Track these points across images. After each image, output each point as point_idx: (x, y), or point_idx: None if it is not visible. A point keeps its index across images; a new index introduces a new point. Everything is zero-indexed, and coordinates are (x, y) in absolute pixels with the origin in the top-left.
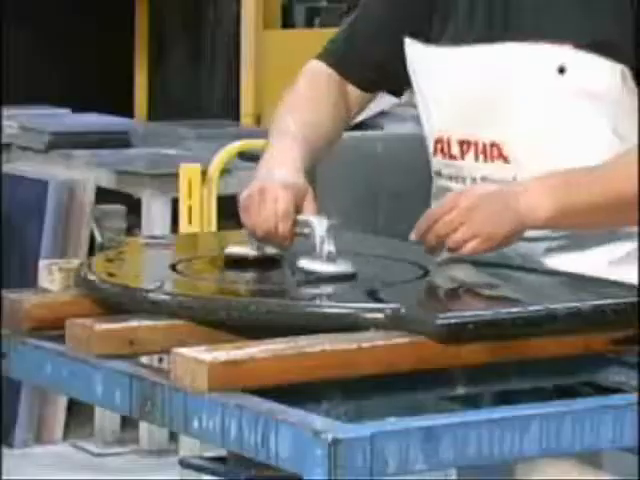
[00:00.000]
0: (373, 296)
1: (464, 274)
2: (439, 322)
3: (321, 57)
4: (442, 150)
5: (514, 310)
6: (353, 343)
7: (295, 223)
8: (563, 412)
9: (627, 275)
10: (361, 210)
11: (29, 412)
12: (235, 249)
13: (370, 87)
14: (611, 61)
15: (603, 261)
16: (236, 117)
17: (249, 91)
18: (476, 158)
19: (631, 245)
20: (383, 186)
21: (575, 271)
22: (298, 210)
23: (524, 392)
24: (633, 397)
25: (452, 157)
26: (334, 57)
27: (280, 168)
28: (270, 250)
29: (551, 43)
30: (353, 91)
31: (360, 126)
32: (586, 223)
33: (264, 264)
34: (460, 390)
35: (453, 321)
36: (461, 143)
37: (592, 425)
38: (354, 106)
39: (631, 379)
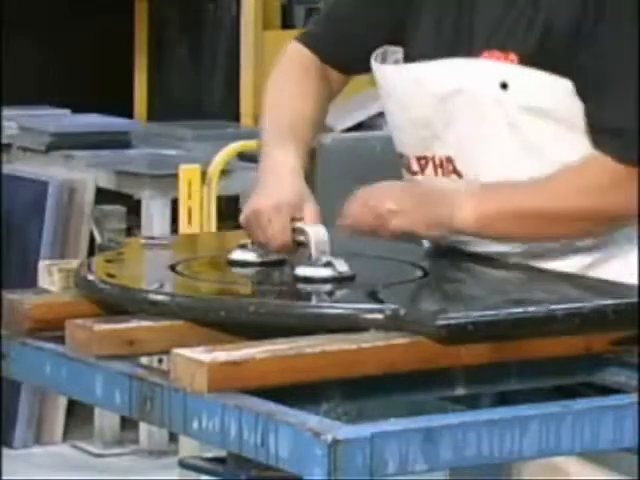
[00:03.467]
0: (373, 297)
1: (464, 274)
2: (439, 322)
3: (301, 40)
4: (405, 166)
5: (514, 310)
6: (353, 344)
7: (294, 232)
8: (563, 412)
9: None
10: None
11: (29, 412)
12: (239, 254)
13: (350, 69)
14: (555, 76)
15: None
16: (236, 117)
17: (249, 91)
18: (435, 172)
19: (591, 258)
20: None
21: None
22: (298, 219)
23: (524, 392)
24: (633, 397)
25: (414, 173)
26: (314, 40)
27: (276, 182)
28: (273, 256)
29: (494, 59)
30: (334, 73)
31: (360, 126)
32: (510, 232)
33: (266, 268)
34: (460, 390)
35: (453, 321)
36: (418, 159)
37: (592, 425)
38: (336, 88)
39: (631, 379)
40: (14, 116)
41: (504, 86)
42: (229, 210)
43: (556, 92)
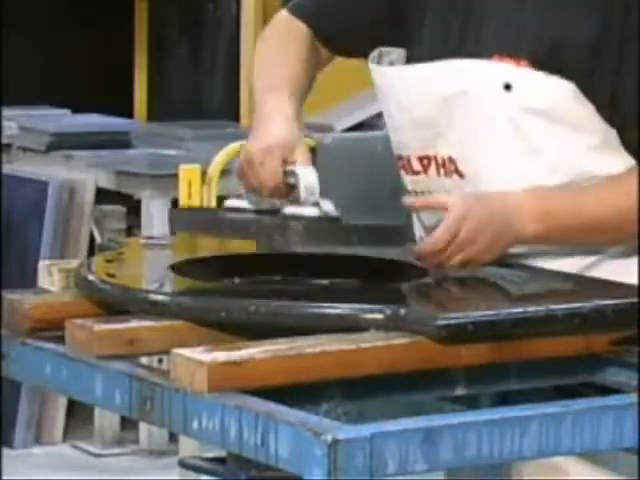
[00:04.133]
0: (373, 297)
1: (464, 274)
2: (439, 322)
3: (292, 11)
4: (404, 167)
5: (514, 311)
6: (353, 344)
7: (286, 175)
8: (563, 412)
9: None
10: (361, 209)
11: (29, 412)
12: (234, 202)
13: (340, 49)
14: (561, 79)
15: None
16: (236, 117)
17: (249, 91)
18: (438, 172)
19: (590, 259)
20: (383, 186)
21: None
22: (290, 162)
23: (524, 392)
24: (633, 397)
25: (415, 173)
26: (306, 12)
27: (268, 126)
28: (266, 205)
29: (498, 60)
30: (322, 49)
31: (360, 126)
32: (567, 242)
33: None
34: (460, 390)
35: (453, 321)
36: (421, 159)
37: (592, 425)
38: (322, 63)
39: (631, 379)
40: (14, 116)
41: (507, 87)
42: None
43: (560, 93)
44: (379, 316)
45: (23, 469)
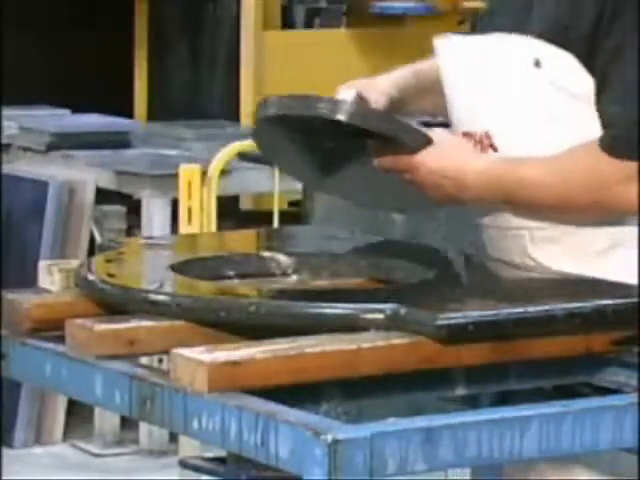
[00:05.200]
0: (373, 296)
1: (464, 274)
2: (439, 322)
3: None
4: None
5: (514, 311)
6: (353, 343)
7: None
8: (563, 412)
9: (612, 267)
10: (361, 210)
11: (29, 412)
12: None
13: None
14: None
15: (588, 252)
16: (236, 117)
17: (249, 91)
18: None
19: (610, 239)
20: None
21: (559, 261)
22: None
23: (524, 392)
24: (633, 397)
25: None
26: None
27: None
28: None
29: (529, 36)
30: None
31: None
32: (510, 197)
33: None
34: (460, 390)
35: (453, 321)
36: (464, 134)
37: (592, 425)
38: None
39: (631, 379)
40: (14, 116)
41: (537, 64)
42: (229, 210)
43: (587, 75)
44: (379, 316)
45: (23, 469)
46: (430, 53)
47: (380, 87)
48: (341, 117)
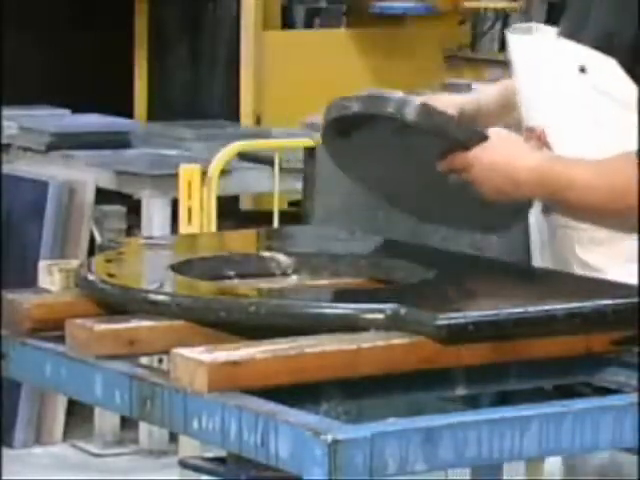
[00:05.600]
0: (373, 296)
1: (464, 274)
2: (439, 322)
3: None
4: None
5: (514, 311)
6: (353, 343)
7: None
8: (563, 412)
9: None
10: (361, 210)
11: (29, 412)
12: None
13: None
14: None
15: (630, 256)
16: (236, 117)
17: (249, 91)
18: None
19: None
20: None
21: (604, 264)
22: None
23: (524, 392)
24: (633, 397)
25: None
26: None
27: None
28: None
29: (575, 41)
30: None
31: None
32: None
33: None
34: (460, 390)
35: (453, 321)
36: (528, 129)
37: (592, 425)
38: None
39: (631, 379)
40: (14, 116)
41: (582, 70)
42: (229, 210)
43: (625, 79)
44: (379, 316)
45: (23, 469)
46: (429, 53)
47: (450, 101)
48: (403, 114)
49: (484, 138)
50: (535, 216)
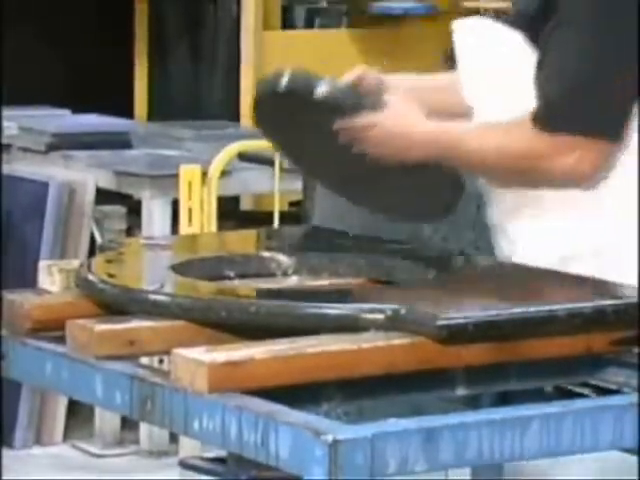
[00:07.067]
0: (373, 296)
1: (465, 274)
2: (439, 322)
3: None
4: None
5: (514, 311)
6: (353, 344)
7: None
8: (563, 412)
9: None
10: (361, 210)
11: (29, 413)
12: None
13: None
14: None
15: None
16: (236, 118)
17: (249, 91)
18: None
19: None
20: None
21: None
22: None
23: (524, 392)
24: (633, 397)
25: None
26: None
27: None
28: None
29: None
30: None
31: None
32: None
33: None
34: (460, 390)
35: (453, 321)
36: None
37: (592, 425)
38: None
39: (631, 379)
40: (14, 116)
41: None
42: (229, 210)
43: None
44: (379, 316)
45: (23, 469)
46: (429, 53)
47: (402, 81)
48: (276, 85)
49: (381, 105)
50: None
